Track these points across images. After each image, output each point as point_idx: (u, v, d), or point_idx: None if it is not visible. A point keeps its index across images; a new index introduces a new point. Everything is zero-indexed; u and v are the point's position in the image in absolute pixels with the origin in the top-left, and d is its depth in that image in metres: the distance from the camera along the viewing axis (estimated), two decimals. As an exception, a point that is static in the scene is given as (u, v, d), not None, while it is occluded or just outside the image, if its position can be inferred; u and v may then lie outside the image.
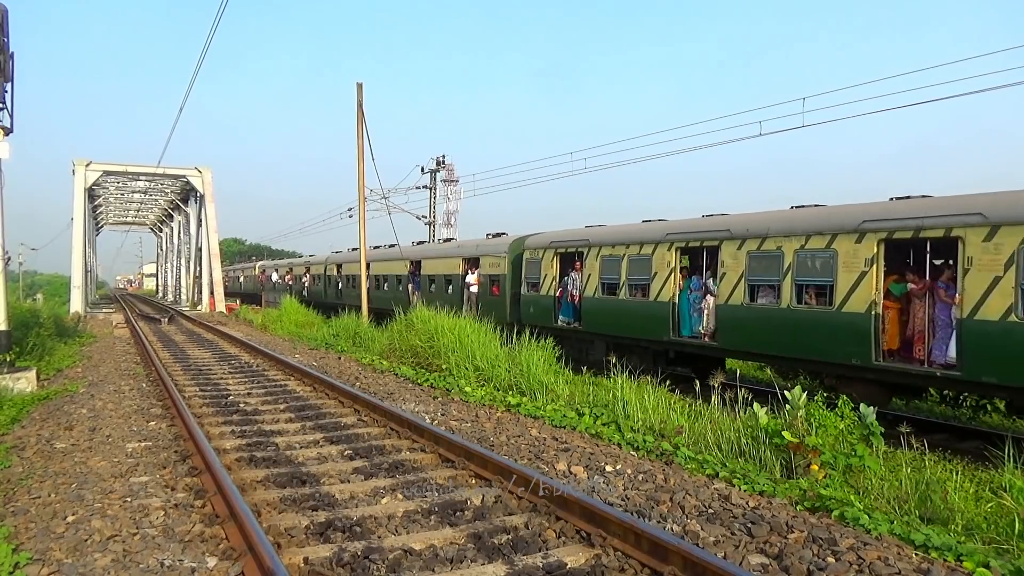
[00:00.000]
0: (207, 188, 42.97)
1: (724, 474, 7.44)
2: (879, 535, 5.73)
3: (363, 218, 26.40)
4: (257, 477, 7.31)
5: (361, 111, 24.73)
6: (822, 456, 7.38)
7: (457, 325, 15.78)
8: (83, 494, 6.79)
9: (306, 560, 5.18)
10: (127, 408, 11.39)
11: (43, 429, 9.92)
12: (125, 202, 57.03)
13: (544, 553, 5.32)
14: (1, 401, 11.57)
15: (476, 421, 10.29)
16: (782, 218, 13.94)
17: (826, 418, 8.00)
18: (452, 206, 49.34)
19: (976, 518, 6.34)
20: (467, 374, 13.81)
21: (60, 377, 15.49)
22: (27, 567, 5.09)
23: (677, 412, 9.96)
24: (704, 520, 6.04)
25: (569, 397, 11.74)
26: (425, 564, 5.17)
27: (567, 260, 19.60)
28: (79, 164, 39.90)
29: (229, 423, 10.12)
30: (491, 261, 22.86)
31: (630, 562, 5.17)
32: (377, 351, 18.65)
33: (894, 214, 11.79)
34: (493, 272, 22.70)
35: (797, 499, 6.70)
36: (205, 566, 5.12)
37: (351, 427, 9.75)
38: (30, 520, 6.09)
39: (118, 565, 5.14)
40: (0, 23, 13.04)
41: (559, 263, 19.70)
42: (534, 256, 20.58)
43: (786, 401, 8.40)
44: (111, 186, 48.98)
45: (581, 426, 9.78)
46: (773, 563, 5.16)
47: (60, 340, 21.58)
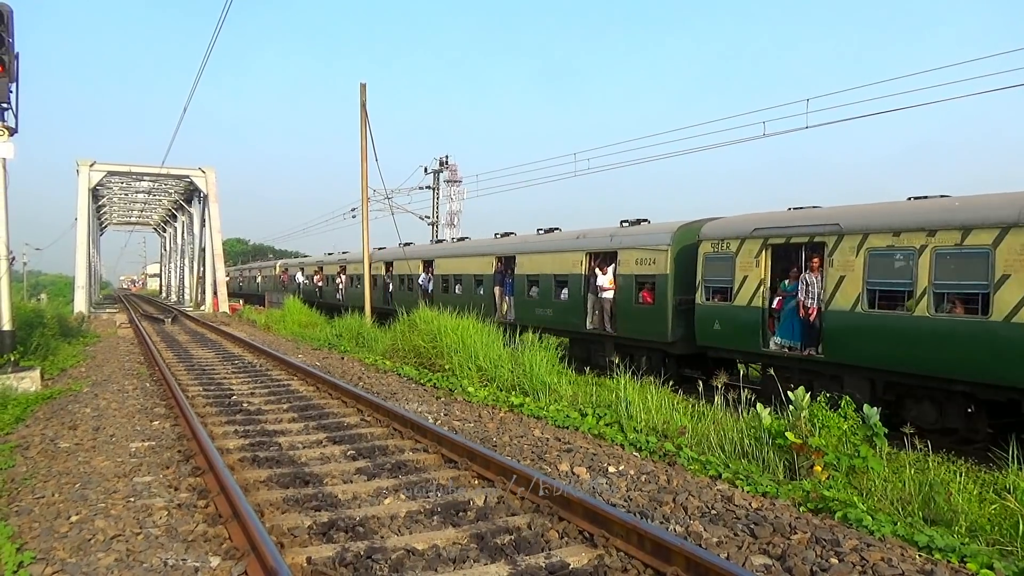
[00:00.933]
0: (211, 188, 43.04)
1: (727, 475, 7.43)
2: (882, 536, 5.71)
3: (366, 218, 26.43)
4: (260, 477, 7.32)
5: (364, 111, 24.75)
6: (825, 457, 7.37)
7: (460, 325, 15.78)
8: (87, 494, 6.80)
9: (309, 560, 5.19)
10: (131, 408, 11.41)
11: (47, 429, 9.94)
12: (129, 202, 57.16)
13: (547, 553, 5.32)
14: (5, 401, 11.60)
15: (479, 421, 10.29)
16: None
17: (829, 419, 7.99)
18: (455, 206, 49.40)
19: (980, 519, 6.33)
20: (470, 374, 13.81)
21: (64, 377, 15.53)
22: (31, 566, 5.10)
23: (680, 413, 9.96)
24: (707, 521, 6.03)
25: (572, 398, 11.73)
26: (428, 564, 5.17)
27: (784, 255, 14.03)
28: (83, 164, 39.98)
29: (232, 423, 10.13)
30: (638, 256, 16.75)
31: (633, 563, 5.17)
32: (380, 351, 18.66)
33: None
34: (643, 272, 16.66)
35: (800, 500, 6.69)
36: (208, 566, 5.13)
37: (354, 427, 9.75)
38: (34, 519, 6.11)
39: (121, 565, 5.15)
40: (4, 23, 13.07)
41: (770, 259, 13.94)
42: (720, 249, 14.65)
43: (789, 402, 8.39)
44: (115, 186, 49.09)
45: (584, 427, 9.77)
46: (776, 564, 5.16)
47: (64, 340, 21.63)
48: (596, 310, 18.09)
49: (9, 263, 14.48)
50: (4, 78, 13.23)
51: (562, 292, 19.35)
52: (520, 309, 21.01)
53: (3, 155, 13.87)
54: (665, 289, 15.89)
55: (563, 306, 19.08)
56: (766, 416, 8.16)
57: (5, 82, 13.28)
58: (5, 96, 13.41)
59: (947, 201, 11.64)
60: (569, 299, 18.95)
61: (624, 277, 17.19)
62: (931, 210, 11.48)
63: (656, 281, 16.22)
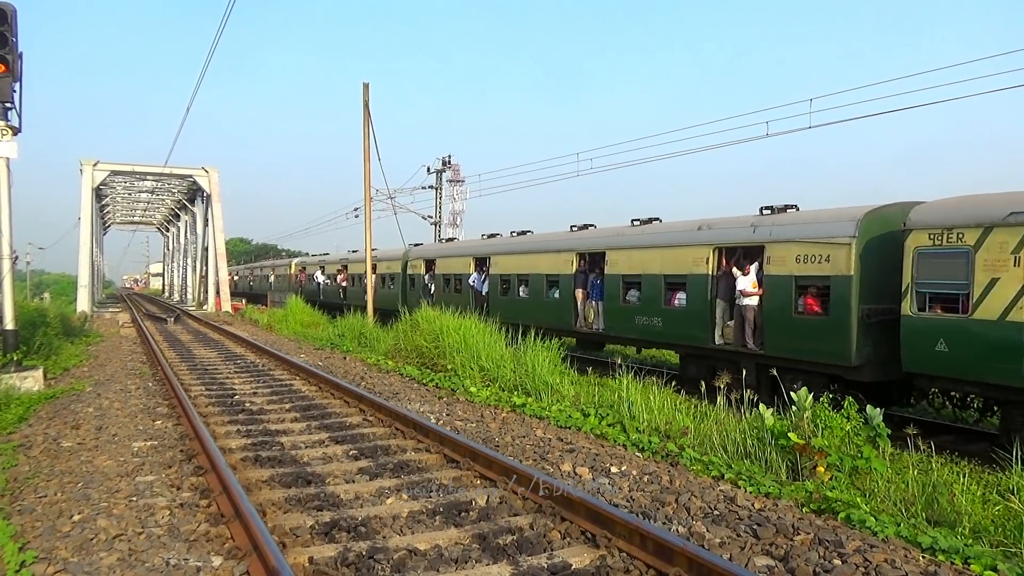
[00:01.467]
0: (214, 188, 43.12)
1: (730, 475, 7.41)
2: (886, 537, 5.70)
3: (369, 217, 26.43)
4: (262, 477, 7.32)
5: (367, 111, 24.76)
6: (828, 458, 7.35)
7: (462, 325, 15.76)
8: (89, 493, 6.81)
9: (311, 560, 5.18)
10: (133, 407, 11.42)
11: (50, 428, 9.96)
12: (132, 202, 57.28)
13: (549, 554, 5.32)
14: (8, 400, 11.62)
15: (481, 421, 10.29)
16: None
17: (832, 419, 7.97)
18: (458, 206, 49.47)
19: (983, 521, 6.32)
20: (472, 374, 13.81)
21: (67, 376, 15.55)
22: (33, 565, 5.11)
23: (683, 413, 9.94)
24: (709, 522, 6.02)
25: (574, 398, 11.72)
26: (430, 564, 5.17)
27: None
28: (87, 164, 40.06)
29: (235, 422, 10.14)
30: (800, 252, 13.06)
31: (635, 563, 5.16)
32: (382, 351, 18.65)
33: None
34: (807, 272, 12.98)
35: (803, 501, 6.67)
36: (210, 565, 5.13)
37: (356, 427, 9.76)
38: (36, 519, 6.12)
39: (123, 564, 5.15)
40: (8, 23, 13.10)
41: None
42: (946, 242, 11.05)
43: (792, 402, 8.37)
44: (118, 186, 49.19)
45: (586, 427, 9.76)
46: (779, 565, 5.14)
47: (67, 339, 21.66)
48: (726, 320, 14.59)
49: (12, 262, 14.50)
50: (8, 77, 13.26)
51: (676, 297, 15.74)
52: (613, 317, 17.67)
53: (7, 154, 13.90)
54: (846, 295, 12.22)
55: (677, 314, 15.59)
56: (769, 417, 8.15)
57: (9, 81, 13.31)
58: (9, 95, 13.44)
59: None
60: (688, 306, 15.31)
61: (776, 279, 13.47)
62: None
63: (831, 284, 12.54)
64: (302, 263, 48.36)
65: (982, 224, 10.60)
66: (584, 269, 19.04)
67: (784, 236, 13.47)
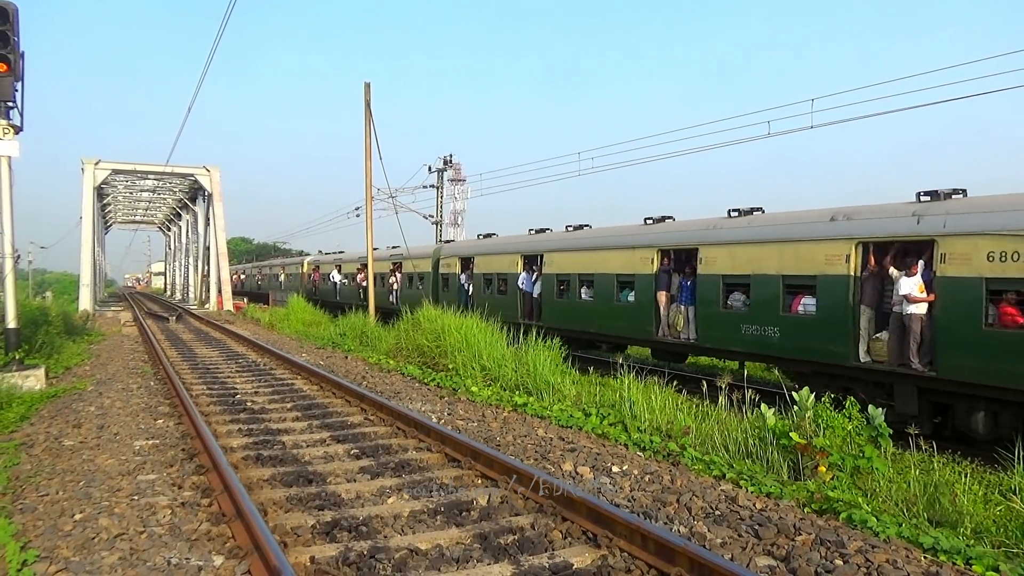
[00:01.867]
0: (215, 187, 43.13)
1: (731, 475, 7.41)
2: (887, 538, 5.69)
3: (370, 217, 26.43)
4: (264, 476, 7.32)
5: (369, 110, 24.75)
6: (830, 457, 7.34)
7: (464, 325, 15.76)
8: (91, 492, 6.81)
9: (312, 559, 5.18)
10: (135, 406, 11.43)
11: (51, 427, 9.97)
12: (134, 201, 57.33)
13: (550, 553, 5.31)
14: (10, 399, 11.63)
15: (482, 421, 10.29)
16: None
17: (834, 419, 7.96)
18: (459, 205, 49.47)
19: (985, 521, 6.30)
20: (474, 374, 13.81)
21: (68, 375, 15.57)
22: (34, 564, 5.11)
23: (684, 413, 9.93)
24: (711, 522, 6.01)
25: (576, 397, 11.72)
26: (431, 564, 5.17)
27: None
28: (88, 163, 40.10)
29: (236, 421, 10.14)
30: (994, 248, 10.35)
31: (636, 563, 5.16)
32: (384, 351, 18.65)
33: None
34: (1004, 274, 10.33)
35: (804, 501, 6.67)
36: (211, 564, 5.13)
37: (357, 426, 9.76)
38: (38, 518, 6.12)
39: (125, 563, 5.15)
40: (10, 22, 13.11)
41: None
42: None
43: (794, 402, 8.37)
44: (120, 185, 49.24)
45: (588, 426, 9.76)
46: (780, 565, 5.14)
47: (69, 338, 21.69)
48: (873, 332, 12.27)
49: (15, 261, 14.52)
50: (10, 76, 13.27)
51: (800, 302, 13.22)
52: (710, 325, 15.13)
53: (9, 153, 13.92)
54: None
55: (801, 323, 13.05)
56: (770, 416, 8.14)
57: (11, 80, 13.32)
58: (11, 94, 13.45)
59: None
60: (819, 314, 12.70)
61: (955, 282, 10.81)
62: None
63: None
64: (316, 262, 45.89)
65: None
66: (667, 268, 16.42)
67: (968, 227, 10.67)
